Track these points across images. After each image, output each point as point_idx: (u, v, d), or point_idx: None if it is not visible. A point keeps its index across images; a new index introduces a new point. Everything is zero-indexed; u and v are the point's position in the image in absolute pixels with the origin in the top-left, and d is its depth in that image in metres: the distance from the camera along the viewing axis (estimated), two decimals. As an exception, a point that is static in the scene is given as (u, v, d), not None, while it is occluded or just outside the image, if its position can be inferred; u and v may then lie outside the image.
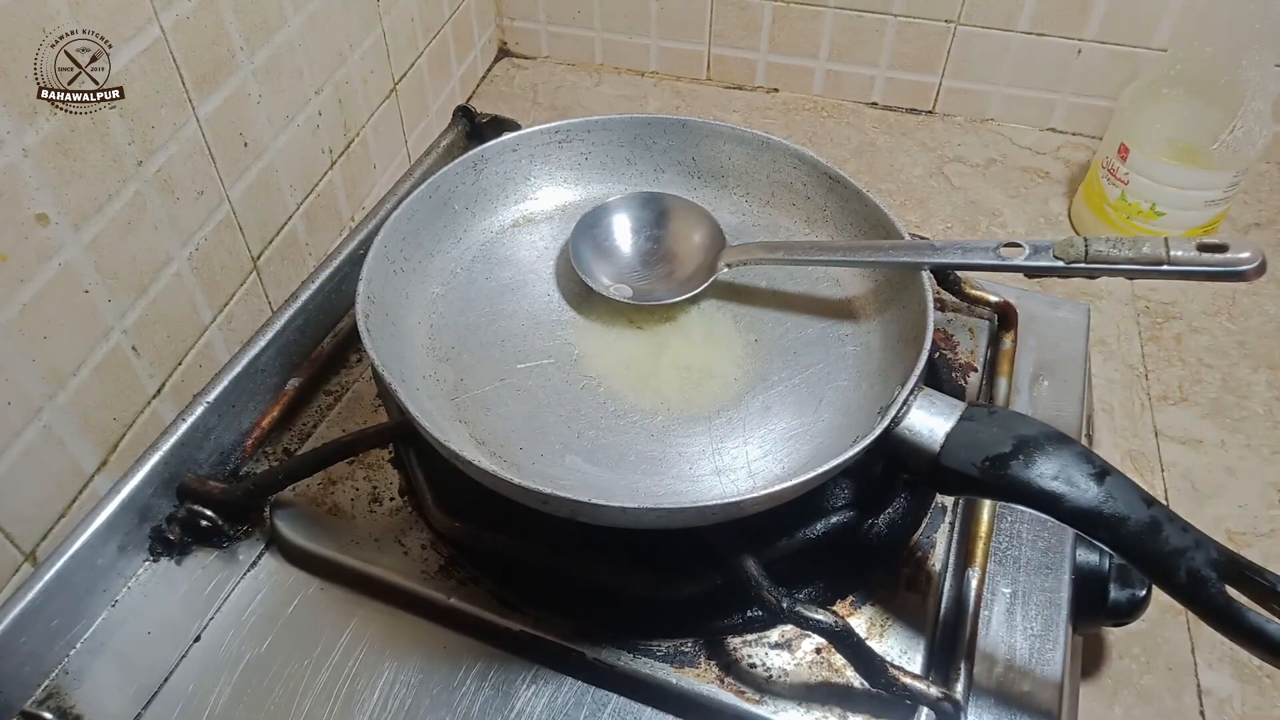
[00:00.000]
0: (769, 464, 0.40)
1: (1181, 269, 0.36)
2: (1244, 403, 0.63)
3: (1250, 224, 0.76)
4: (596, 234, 0.48)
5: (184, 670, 0.38)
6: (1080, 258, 0.37)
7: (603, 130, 0.51)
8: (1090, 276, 0.38)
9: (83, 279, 0.45)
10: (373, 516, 0.42)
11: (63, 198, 0.42)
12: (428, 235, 0.47)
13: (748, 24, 0.86)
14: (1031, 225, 0.76)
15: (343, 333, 0.50)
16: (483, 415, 0.41)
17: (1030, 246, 0.38)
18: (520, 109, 0.88)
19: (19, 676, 0.36)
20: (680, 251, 0.48)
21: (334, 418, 0.46)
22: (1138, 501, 0.32)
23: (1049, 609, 0.39)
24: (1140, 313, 0.69)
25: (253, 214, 0.57)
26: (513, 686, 0.37)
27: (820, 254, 0.45)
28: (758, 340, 0.45)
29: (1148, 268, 0.37)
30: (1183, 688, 0.49)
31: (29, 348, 0.42)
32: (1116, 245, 0.37)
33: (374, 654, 0.38)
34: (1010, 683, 0.37)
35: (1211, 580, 0.30)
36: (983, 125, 0.86)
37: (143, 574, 0.41)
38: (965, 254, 0.40)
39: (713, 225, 0.48)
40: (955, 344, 0.50)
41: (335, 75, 0.63)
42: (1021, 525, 0.42)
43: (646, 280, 0.47)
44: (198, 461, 0.43)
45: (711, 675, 0.36)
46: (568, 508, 0.34)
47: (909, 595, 0.39)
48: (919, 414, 0.36)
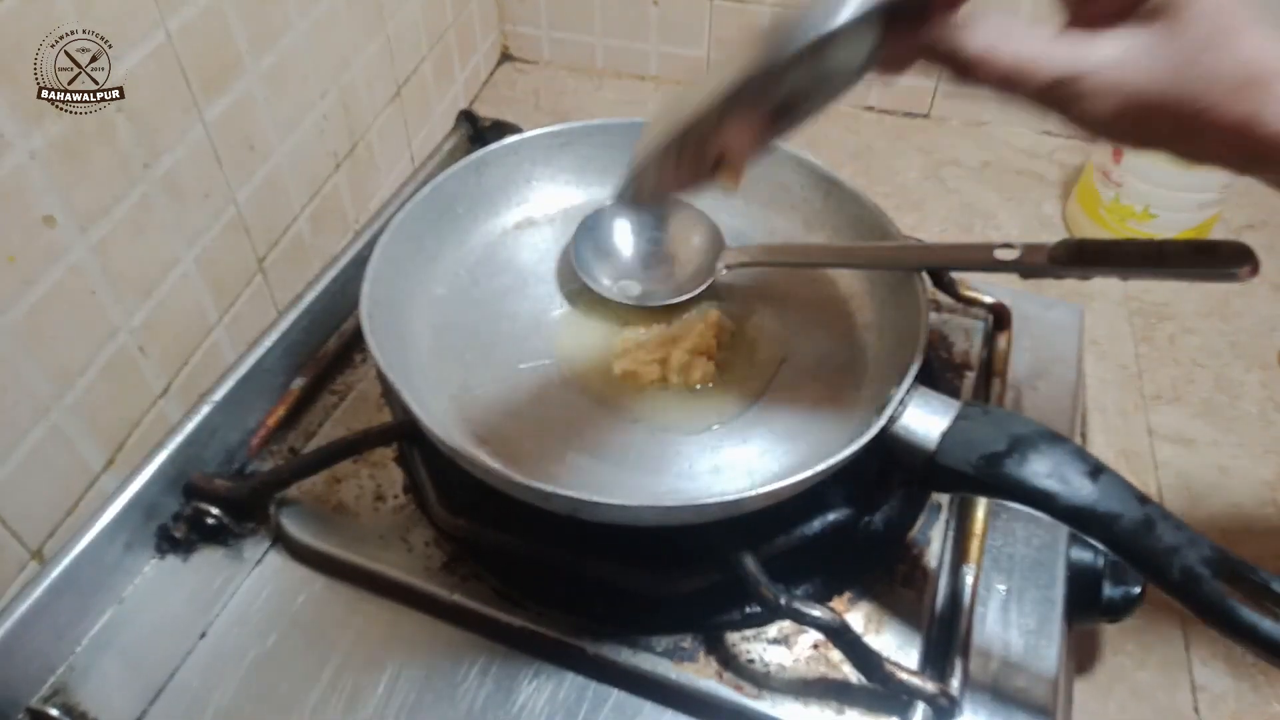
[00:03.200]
0: (767, 462, 0.40)
1: (1174, 270, 0.36)
2: (1236, 402, 0.63)
3: (1243, 226, 0.76)
4: (597, 236, 0.49)
5: (190, 667, 0.38)
6: (1074, 259, 0.38)
7: (603, 134, 0.51)
8: (1084, 278, 0.38)
9: (90, 280, 0.45)
10: (377, 514, 0.42)
11: (69, 200, 0.43)
12: (431, 237, 0.47)
13: (747, 29, 0.87)
14: (1026, 227, 0.76)
15: (347, 333, 0.50)
16: (485, 414, 0.42)
17: (1024, 248, 0.39)
18: (522, 113, 0.89)
19: (26, 673, 0.37)
20: (679, 253, 0.49)
21: (339, 417, 0.47)
22: (1131, 499, 0.32)
23: (1044, 605, 0.39)
24: (1133, 313, 0.69)
25: (259, 216, 0.57)
26: (515, 682, 0.37)
27: (817, 256, 0.45)
28: (756, 341, 0.45)
29: (1141, 269, 0.37)
30: (1177, 684, 0.49)
31: (36, 348, 0.42)
32: (1110, 247, 0.38)
33: (378, 650, 0.38)
34: (1005, 678, 0.37)
35: (1205, 577, 0.31)
36: (978, 129, 0.86)
37: (149, 571, 0.41)
38: (960, 255, 0.41)
39: (712, 228, 0.48)
40: (950, 344, 0.50)
41: (340, 80, 0.64)
42: (1016, 523, 0.42)
43: (647, 282, 0.48)
44: (204, 460, 0.43)
45: (710, 670, 0.37)
46: (569, 505, 0.34)
47: (905, 592, 0.40)
48: (915, 413, 0.36)
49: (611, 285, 0.47)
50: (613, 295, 0.46)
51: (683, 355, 0.43)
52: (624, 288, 0.47)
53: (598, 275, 0.47)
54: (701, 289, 0.46)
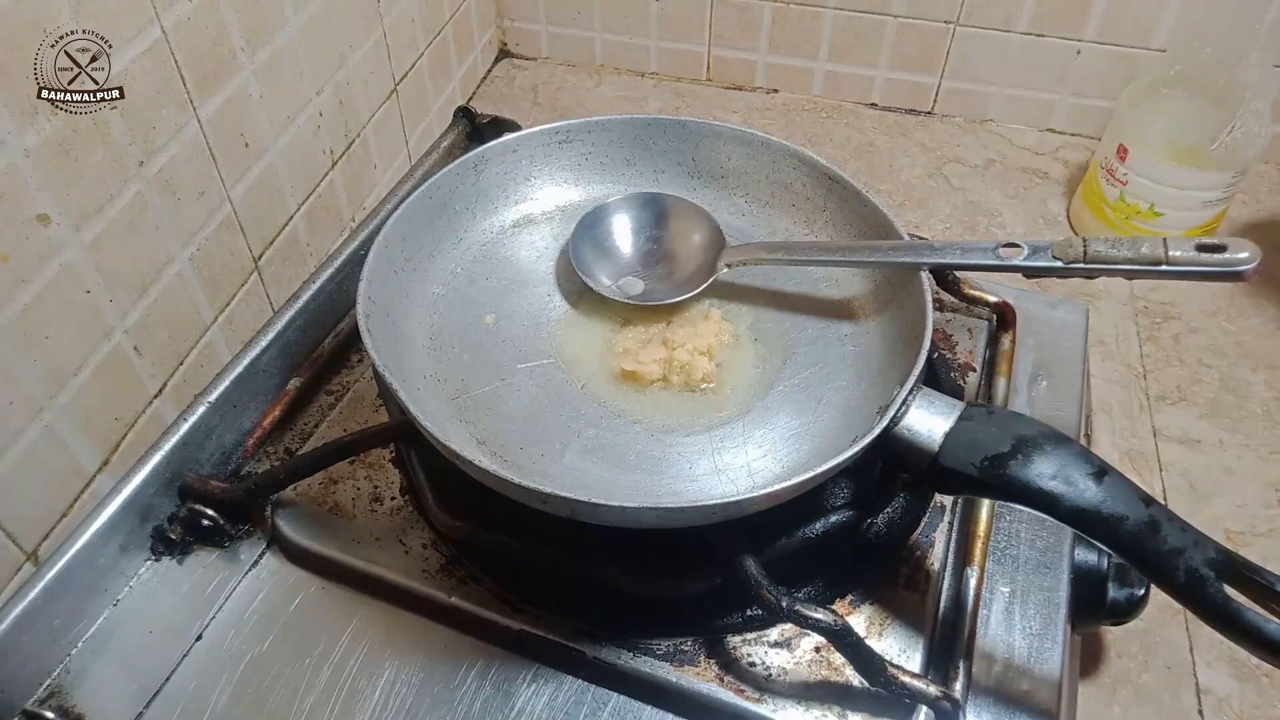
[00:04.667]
0: (768, 463, 0.40)
1: (1180, 269, 0.36)
2: (1242, 403, 0.63)
3: (1249, 224, 0.76)
4: (597, 234, 0.48)
5: (185, 669, 0.38)
6: (1079, 258, 0.37)
7: (603, 131, 0.51)
8: (1089, 277, 0.38)
9: (84, 279, 0.45)
10: (374, 516, 0.42)
11: (64, 198, 0.42)
12: (428, 236, 0.47)
13: (747, 25, 0.86)
14: (1030, 226, 0.76)
15: (344, 333, 0.50)
16: (483, 415, 0.41)
17: (1029, 247, 0.38)
18: (520, 110, 0.88)
19: (21, 676, 0.36)
20: (680, 252, 0.48)
21: (335, 417, 0.47)
22: (1136, 501, 0.32)
23: (1047, 608, 0.39)
24: (1139, 313, 0.69)
25: (254, 214, 0.57)
26: (513, 685, 0.37)
27: (819, 254, 0.45)
28: (757, 341, 0.45)
29: (1146, 268, 0.37)
30: (1181, 687, 0.49)
31: (30, 348, 0.42)
32: (1115, 245, 0.37)
33: (375, 653, 0.38)
34: (1009, 681, 0.37)
35: (1210, 579, 0.30)
36: (982, 126, 0.86)
37: (144, 573, 0.41)
38: (964, 254, 0.40)
39: (712, 225, 0.48)
40: (954, 344, 0.50)
41: (336, 76, 0.63)
42: (1020, 525, 0.42)
43: (647, 280, 0.47)
44: (199, 461, 0.43)
45: (711, 674, 0.36)
46: (568, 507, 0.34)
47: (908, 594, 0.39)
48: (918, 414, 0.36)
49: (611, 284, 0.47)
50: (613, 294, 0.46)
51: (684, 355, 0.43)
52: (624, 286, 0.47)
53: (597, 274, 0.47)
54: (703, 287, 0.46)
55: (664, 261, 0.48)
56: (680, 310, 0.46)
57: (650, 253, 0.49)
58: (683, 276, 0.47)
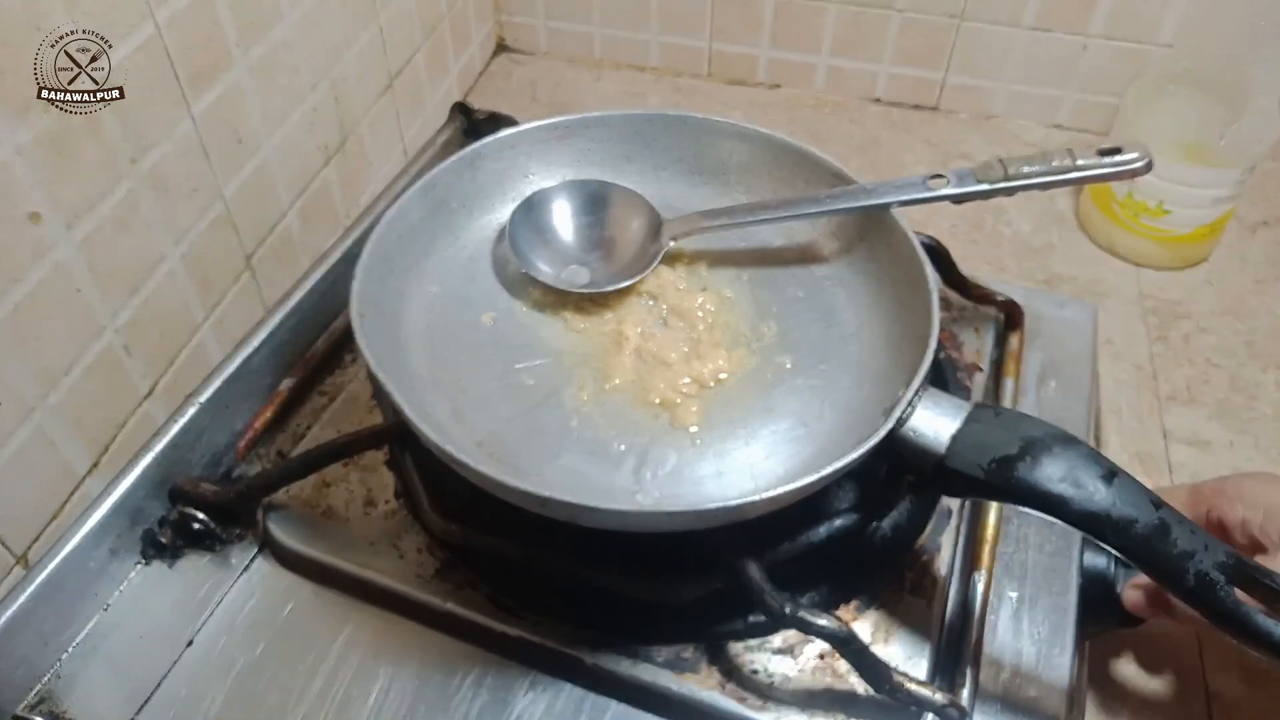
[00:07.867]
0: (771, 466, 0.39)
1: (1086, 174, 0.41)
2: (1253, 403, 0.62)
3: (1258, 222, 0.75)
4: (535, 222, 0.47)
5: (177, 675, 0.37)
6: (1001, 178, 0.41)
7: (602, 126, 0.50)
8: (1009, 194, 0.42)
9: (75, 278, 0.44)
10: (367, 519, 0.41)
11: (56, 196, 0.42)
12: (424, 233, 0.46)
13: (749, 19, 0.86)
14: (1038, 223, 0.75)
15: (337, 332, 0.50)
16: (480, 416, 0.41)
17: (954, 175, 0.42)
18: (518, 105, 0.88)
19: (11, 681, 0.36)
20: (620, 236, 0.47)
21: (328, 419, 0.46)
22: (1146, 503, 0.32)
23: (1056, 613, 0.39)
24: (1148, 312, 0.68)
25: (246, 212, 0.56)
26: (510, 693, 0.36)
27: (761, 214, 0.45)
28: (760, 341, 0.44)
29: (1059, 177, 0.41)
30: (1191, 692, 0.48)
31: (20, 348, 0.42)
32: (1029, 163, 0.42)
33: (369, 659, 0.38)
34: (1017, 688, 0.36)
35: (1220, 583, 0.30)
36: (987, 122, 0.85)
37: (135, 577, 0.40)
38: (899, 191, 0.43)
39: (645, 204, 0.47)
40: (961, 344, 0.49)
41: (331, 71, 0.63)
42: (1028, 528, 0.41)
43: (593, 265, 0.47)
44: (190, 463, 0.42)
45: (713, 681, 0.36)
46: (566, 510, 0.33)
47: (914, 600, 0.39)
48: (924, 415, 0.35)
49: (556, 273, 0.46)
50: (559, 284, 0.45)
51: (686, 356, 0.42)
52: (570, 275, 0.46)
53: (538, 263, 0.46)
54: (651, 267, 0.45)
55: (605, 245, 0.47)
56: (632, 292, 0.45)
57: (589, 238, 0.48)
58: (626, 258, 0.46)
